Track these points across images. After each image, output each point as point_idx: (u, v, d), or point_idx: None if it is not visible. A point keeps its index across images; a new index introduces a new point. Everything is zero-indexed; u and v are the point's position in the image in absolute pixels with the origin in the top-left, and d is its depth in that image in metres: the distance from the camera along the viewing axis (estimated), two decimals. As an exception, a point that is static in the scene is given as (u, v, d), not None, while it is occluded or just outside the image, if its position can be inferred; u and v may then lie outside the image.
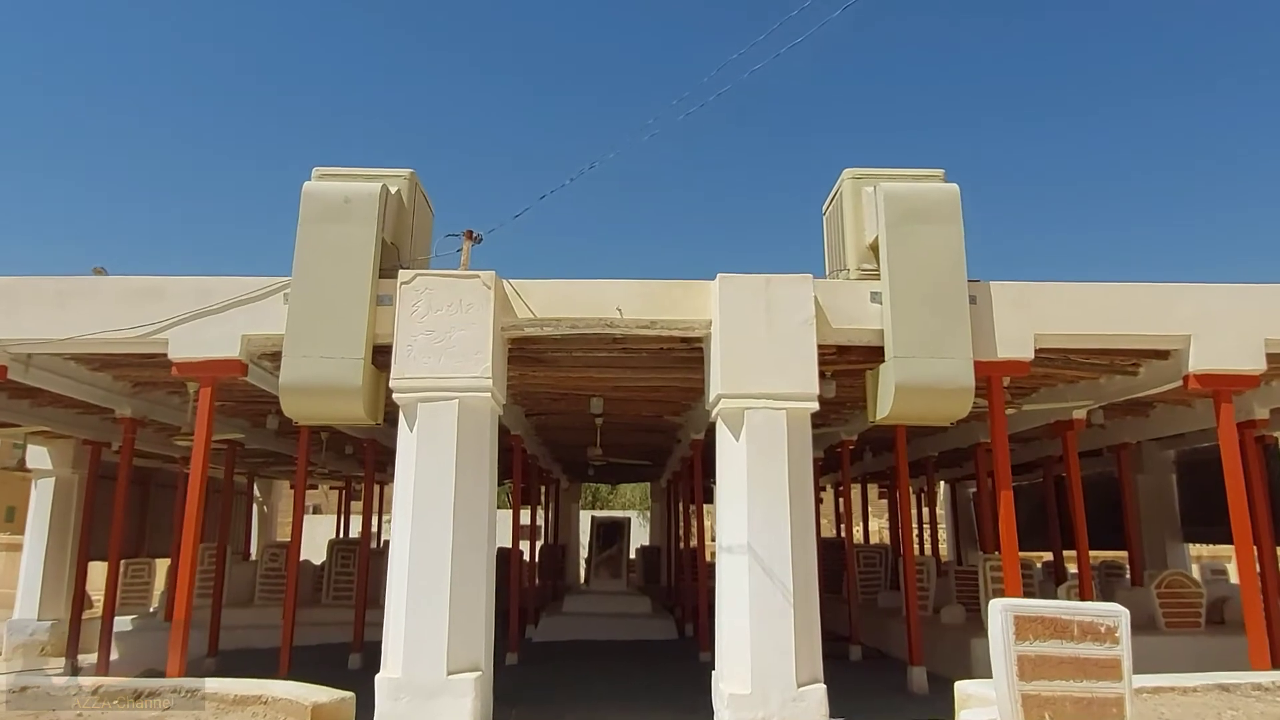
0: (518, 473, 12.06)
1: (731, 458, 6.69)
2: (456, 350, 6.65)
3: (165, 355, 6.95)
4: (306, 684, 5.26)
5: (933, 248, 7.00)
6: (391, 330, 6.72)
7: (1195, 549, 17.27)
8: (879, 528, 30.49)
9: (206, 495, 16.92)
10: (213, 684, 4.94)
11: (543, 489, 19.40)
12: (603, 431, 12.25)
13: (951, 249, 7.00)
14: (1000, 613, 4.07)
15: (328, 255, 6.85)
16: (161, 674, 6.51)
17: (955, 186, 7.18)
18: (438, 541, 6.31)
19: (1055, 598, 10.48)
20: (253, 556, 17.42)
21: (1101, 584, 11.96)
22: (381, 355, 6.81)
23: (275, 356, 6.83)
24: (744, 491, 6.50)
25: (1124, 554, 13.71)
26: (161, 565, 14.90)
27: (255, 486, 18.96)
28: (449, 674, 6.13)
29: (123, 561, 14.29)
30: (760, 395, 6.62)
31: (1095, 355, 7.75)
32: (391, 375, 6.61)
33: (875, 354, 7.17)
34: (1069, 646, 3.94)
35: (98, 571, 11.39)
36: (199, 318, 6.92)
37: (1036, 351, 7.12)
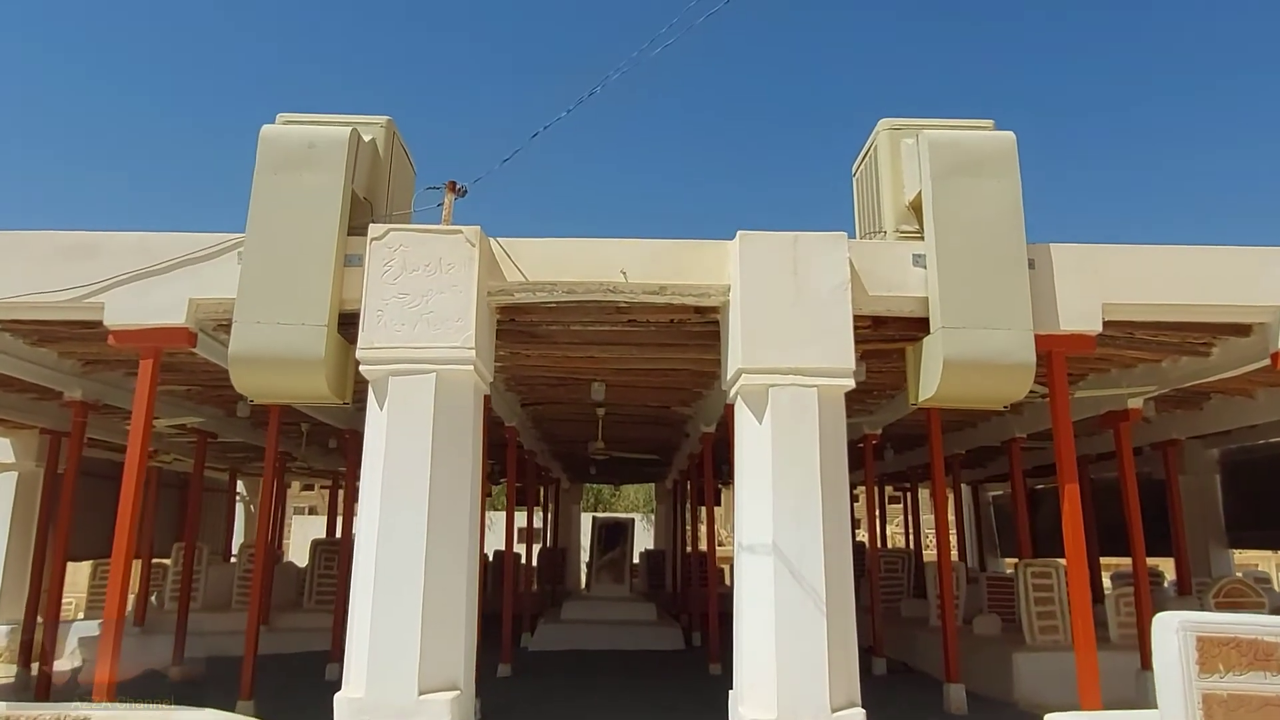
0: (513, 470, 11.14)
1: (753, 443, 5.75)
2: (435, 316, 5.73)
3: (103, 323, 6.07)
4: (222, 712, 4.36)
5: (986, 204, 6.07)
6: (361, 295, 5.82)
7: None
8: (890, 532, 29.65)
9: (183, 492, 16.25)
10: (102, 713, 4.04)
11: (541, 489, 18.53)
12: (605, 425, 11.33)
13: (1007, 205, 6.07)
14: (1177, 632, 2.96)
15: (288, 208, 5.94)
16: (127, 681, 5.78)
17: (1011, 134, 6.24)
18: (409, 537, 5.37)
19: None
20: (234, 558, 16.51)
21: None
22: (350, 325, 5.89)
23: (230, 326, 5.93)
24: (768, 482, 5.55)
25: (1158, 561, 12.82)
26: (137, 566, 14.01)
27: (240, 484, 18.10)
28: (421, 694, 5.20)
29: (92, 563, 13.53)
30: (788, 370, 5.68)
31: (1166, 331, 6.80)
32: (358, 344, 5.69)
33: (916, 326, 6.24)
34: (1273, 681, 2.75)
35: (70, 572, 10.61)
36: (139, 279, 6.01)
37: (1102, 325, 6.19)
